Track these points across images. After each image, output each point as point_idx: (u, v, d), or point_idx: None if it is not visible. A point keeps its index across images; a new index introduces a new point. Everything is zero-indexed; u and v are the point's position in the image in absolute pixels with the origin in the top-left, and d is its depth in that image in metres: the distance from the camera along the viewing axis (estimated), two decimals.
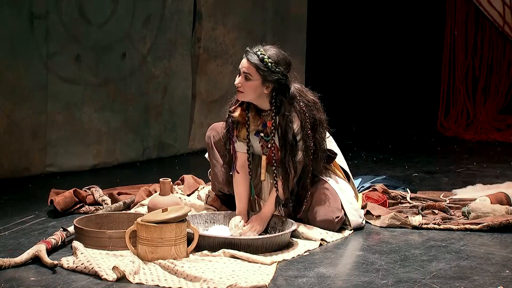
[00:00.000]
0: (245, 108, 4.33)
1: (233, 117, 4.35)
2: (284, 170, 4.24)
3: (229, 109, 4.39)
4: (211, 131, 4.60)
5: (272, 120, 4.27)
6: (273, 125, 4.25)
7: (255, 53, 4.20)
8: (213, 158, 4.57)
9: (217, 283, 3.45)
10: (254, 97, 4.25)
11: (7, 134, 5.74)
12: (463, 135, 8.22)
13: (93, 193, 4.97)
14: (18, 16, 5.69)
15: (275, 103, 4.23)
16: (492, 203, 4.82)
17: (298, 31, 7.94)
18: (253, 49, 4.24)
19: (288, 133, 4.22)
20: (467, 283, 3.58)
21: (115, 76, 6.34)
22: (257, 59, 4.18)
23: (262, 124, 4.33)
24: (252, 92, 4.22)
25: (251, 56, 4.20)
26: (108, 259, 3.78)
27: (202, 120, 7.11)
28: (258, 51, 4.21)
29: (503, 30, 8.46)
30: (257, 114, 4.33)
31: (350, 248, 4.16)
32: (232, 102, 4.40)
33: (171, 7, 6.68)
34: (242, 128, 4.35)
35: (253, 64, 4.19)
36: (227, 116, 4.40)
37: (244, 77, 4.21)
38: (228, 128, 4.38)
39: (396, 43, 9.16)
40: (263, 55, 4.19)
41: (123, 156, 6.46)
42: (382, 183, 5.25)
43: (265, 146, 4.35)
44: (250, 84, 4.21)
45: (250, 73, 4.20)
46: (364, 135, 8.00)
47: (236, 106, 4.36)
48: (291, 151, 4.23)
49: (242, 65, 4.23)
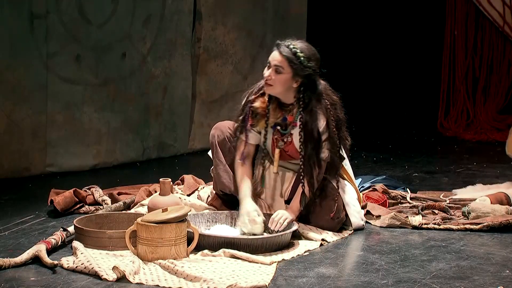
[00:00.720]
0: (266, 100, 4.30)
1: (253, 107, 4.32)
2: (309, 167, 4.22)
3: (248, 98, 4.34)
4: (215, 130, 4.56)
5: (292, 114, 4.26)
6: (300, 120, 4.22)
7: (287, 46, 4.19)
8: (217, 158, 4.55)
9: (217, 283, 3.45)
10: (281, 91, 4.23)
11: (7, 134, 5.73)
12: (463, 135, 8.22)
13: (93, 193, 4.97)
14: (18, 16, 5.69)
15: (303, 98, 4.22)
16: (492, 203, 4.82)
17: (298, 31, 7.92)
18: (284, 42, 4.23)
19: (314, 130, 4.21)
20: (467, 283, 3.58)
21: (115, 76, 6.34)
22: (290, 52, 4.17)
23: (282, 118, 4.31)
24: (281, 85, 4.21)
25: (283, 49, 4.19)
26: (108, 259, 3.78)
27: (202, 120, 7.11)
28: (290, 44, 4.20)
29: (503, 30, 8.46)
30: (278, 107, 4.31)
31: (350, 248, 4.16)
32: (252, 91, 4.37)
33: (171, 7, 6.68)
34: (260, 119, 4.33)
35: (285, 57, 4.17)
36: (244, 104, 4.35)
37: (275, 70, 4.19)
38: (244, 116, 4.34)
39: (396, 43, 9.16)
40: (296, 48, 4.18)
41: (123, 156, 6.46)
42: (382, 183, 5.25)
43: (280, 139, 4.34)
44: (281, 77, 4.19)
45: (282, 66, 4.18)
46: (364, 135, 7.99)
47: (257, 96, 4.34)
48: (315, 148, 4.21)
49: (274, 58, 4.20)
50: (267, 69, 4.23)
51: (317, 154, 4.22)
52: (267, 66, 4.24)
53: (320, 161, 4.24)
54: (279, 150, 4.36)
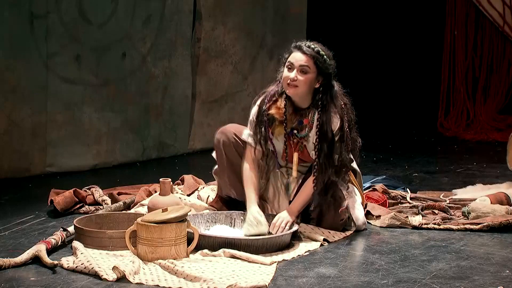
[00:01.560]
0: (282, 106, 4.28)
1: (270, 114, 4.30)
2: (322, 167, 4.22)
3: (262, 106, 4.31)
4: (221, 135, 4.50)
5: (308, 117, 4.26)
6: (318, 121, 4.22)
7: (309, 46, 4.20)
8: (222, 163, 4.50)
9: (217, 283, 3.45)
10: (305, 91, 4.22)
11: (7, 134, 5.74)
12: (463, 135, 8.22)
13: (93, 193, 4.97)
14: (18, 16, 5.69)
15: (321, 99, 4.22)
16: (492, 203, 4.82)
17: (298, 31, 7.94)
18: (302, 43, 4.23)
19: (329, 130, 4.21)
20: (467, 283, 3.58)
21: (115, 76, 6.34)
22: (313, 51, 4.19)
23: (298, 122, 4.31)
24: (306, 86, 4.21)
25: (307, 49, 4.19)
26: (108, 259, 3.78)
27: (202, 120, 7.11)
28: (310, 44, 4.22)
29: (503, 30, 8.46)
30: (293, 111, 4.30)
31: (350, 248, 4.16)
32: (264, 99, 4.33)
33: (171, 7, 6.68)
34: (278, 125, 4.31)
35: (311, 56, 4.19)
36: (259, 114, 4.32)
37: (301, 70, 4.18)
38: (265, 126, 4.31)
39: (396, 43, 9.16)
40: (317, 48, 4.20)
41: (123, 156, 6.46)
42: (382, 183, 5.25)
43: (297, 143, 4.32)
44: (307, 77, 4.19)
45: (308, 66, 4.19)
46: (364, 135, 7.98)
47: (271, 103, 4.32)
48: (330, 148, 4.22)
49: (298, 59, 4.19)
50: (289, 71, 4.21)
51: (331, 154, 4.23)
52: (288, 68, 4.21)
53: (334, 161, 4.24)
54: (297, 154, 4.34)
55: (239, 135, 4.47)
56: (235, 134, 4.47)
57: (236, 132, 4.48)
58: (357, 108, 4.46)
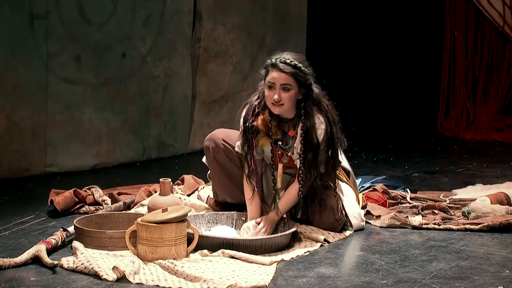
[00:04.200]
0: (267, 117, 4.25)
1: (255, 126, 4.25)
2: (306, 176, 4.19)
3: (245, 121, 4.27)
4: (209, 142, 4.51)
5: (293, 128, 4.23)
6: (302, 129, 4.19)
7: (285, 62, 4.13)
8: (214, 169, 4.51)
9: (217, 283, 3.45)
10: (290, 107, 4.19)
11: (7, 134, 5.74)
12: (463, 135, 8.21)
13: (93, 193, 4.97)
14: (18, 16, 5.69)
15: (305, 108, 4.19)
16: (492, 203, 4.82)
17: (298, 31, 7.94)
18: (275, 59, 4.16)
19: (314, 137, 4.18)
20: (467, 283, 3.58)
21: (115, 76, 6.34)
22: (291, 67, 4.12)
23: (282, 133, 4.28)
24: (291, 102, 4.17)
25: (284, 67, 4.12)
26: (108, 259, 3.78)
27: (202, 120, 7.11)
28: (285, 59, 4.13)
29: (503, 30, 8.46)
30: (278, 123, 4.27)
31: (350, 248, 4.16)
32: (247, 114, 4.29)
33: (171, 7, 6.68)
34: (262, 137, 4.27)
35: (290, 74, 4.12)
36: (244, 129, 4.28)
37: (283, 88, 4.14)
38: (249, 144, 4.27)
39: (396, 43, 9.15)
40: (293, 61, 4.13)
41: (123, 156, 6.46)
42: (382, 183, 5.25)
43: (283, 154, 4.29)
44: (290, 94, 4.15)
45: (289, 83, 4.13)
46: (364, 135, 7.99)
47: (255, 116, 4.27)
48: (315, 152, 4.19)
49: (277, 78, 4.12)
50: (270, 90, 4.15)
51: (315, 160, 4.20)
52: (269, 88, 4.16)
53: (319, 165, 4.22)
54: (282, 165, 4.32)
55: (227, 140, 4.46)
56: (224, 140, 4.47)
57: (224, 137, 4.47)
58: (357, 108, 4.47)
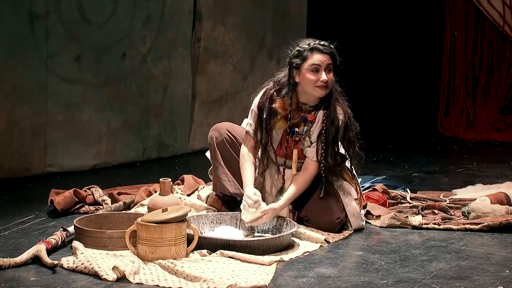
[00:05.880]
0: (287, 102, 4.27)
1: (273, 108, 4.28)
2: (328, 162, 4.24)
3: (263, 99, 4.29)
4: (213, 132, 4.54)
5: (313, 114, 4.27)
6: (324, 116, 4.23)
7: (323, 45, 4.21)
8: (216, 160, 4.54)
9: (217, 283, 3.45)
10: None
11: (7, 134, 5.74)
12: (463, 135, 8.22)
13: (93, 193, 4.97)
14: (18, 16, 5.69)
15: (329, 95, 4.24)
16: (492, 203, 4.82)
17: (298, 31, 7.94)
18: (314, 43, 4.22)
19: (335, 125, 4.23)
20: (467, 283, 3.58)
21: (115, 76, 6.34)
22: (330, 48, 4.22)
23: (303, 119, 4.30)
24: (333, 84, 4.24)
25: (325, 48, 4.20)
26: (108, 259, 3.78)
27: (202, 120, 7.11)
28: (324, 43, 4.22)
29: (503, 30, 8.47)
30: (297, 108, 4.30)
31: (350, 248, 4.16)
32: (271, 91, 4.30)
33: (171, 7, 6.68)
34: (280, 119, 4.30)
35: (331, 54, 4.22)
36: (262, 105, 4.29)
37: (328, 70, 4.19)
38: (266, 116, 4.28)
39: (396, 43, 9.16)
40: (329, 44, 4.23)
41: (123, 156, 6.46)
42: (382, 183, 5.25)
43: (298, 140, 4.31)
44: (332, 75, 4.22)
45: (332, 64, 4.21)
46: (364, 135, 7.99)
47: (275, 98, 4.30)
48: (335, 142, 4.25)
49: (323, 60, 4.19)
50: (315, 73, 4.18)
51: (337, 148, 4.28)
52: (313, 71, 4.18)
53: (337, 155, 4.29)
54: (297, 151, 4.34)
55: (232, 132, 4.47)
56: (228, 131, 4.48)
57: (229, 129, 4.49)
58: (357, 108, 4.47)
